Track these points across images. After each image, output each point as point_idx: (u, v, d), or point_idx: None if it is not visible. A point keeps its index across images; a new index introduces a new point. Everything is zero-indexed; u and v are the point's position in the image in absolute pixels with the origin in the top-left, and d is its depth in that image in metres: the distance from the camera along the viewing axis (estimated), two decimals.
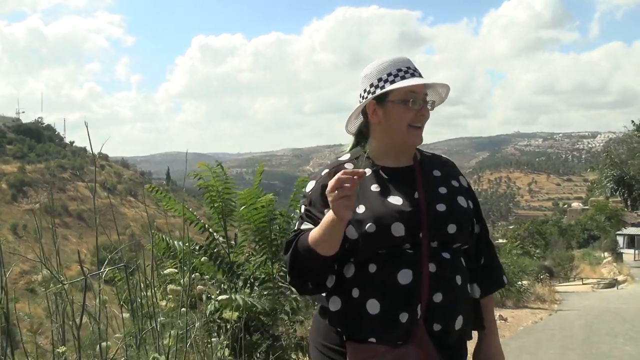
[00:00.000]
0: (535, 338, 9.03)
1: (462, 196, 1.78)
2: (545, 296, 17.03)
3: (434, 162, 1.85)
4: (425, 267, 1.63)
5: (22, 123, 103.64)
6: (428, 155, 1.88)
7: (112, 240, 2.40)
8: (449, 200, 1.73)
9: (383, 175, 1.76)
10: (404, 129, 1.73)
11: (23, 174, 78.88)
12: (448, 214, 1.69)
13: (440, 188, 1.76)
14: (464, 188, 1.83)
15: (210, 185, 4.11)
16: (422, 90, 1.74)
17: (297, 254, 1.64)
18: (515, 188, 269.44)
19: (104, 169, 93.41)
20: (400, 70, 1.74)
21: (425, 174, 1.78)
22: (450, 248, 1.70)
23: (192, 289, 2.70)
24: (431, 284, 1.62)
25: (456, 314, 1.67)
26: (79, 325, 1.87)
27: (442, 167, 1.85)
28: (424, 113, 1.74)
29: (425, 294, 1.61)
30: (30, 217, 2.44)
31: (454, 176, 1.83)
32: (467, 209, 1.76)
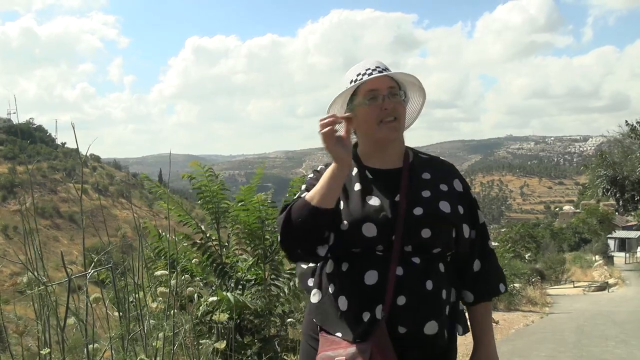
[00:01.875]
0: (527, 341, 9.05)
1: (447, 201, 1.74)
2: (536, 299, 17.10)
3: (427, 165, 1.83)
4: (392, 270, 1.64)
5: (12, 124, 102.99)
6: (424, 158, 1.86)
7: (103, 242, 2.38)
8: (430, 204, 1.71)
9: (368, 176, 1.78)
10: (374, 126, 1.74)
11: (14, 175, 78.37)
12: (423, 218, 1.67)
13: (424, 191, 1.74)
14: (454, 192, 1.78)
15: (204, 185, 4.09)
16: (383, 85, 1.73)
17: (290, 213, 1.66)
18: (508, 191, 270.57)
19: (95, 170, 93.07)
20: (359, 74, 1.75)
21: (412, 177, 1.77)
22: (426, 253, 1.68)
23: (182, 291, 2.68)
24: (395, 287, 1.63)
25: (425, 319, 1.64)
26: (62, 326, 1.85)
27: (435, 169, 1.81)
28: (386, 106, 1.72)
29: (389, 296, 1.63)
30: (20, 219, 2.43)
31: (446, 179, 1.80)
32: (449, 214, 1.72)
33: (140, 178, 5.73)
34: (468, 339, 1.95)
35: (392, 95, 1.74)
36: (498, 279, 1.86)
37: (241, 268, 4.14)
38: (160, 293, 2.67)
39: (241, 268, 4.14)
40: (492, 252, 1.87)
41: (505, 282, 1.90)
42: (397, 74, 1.77)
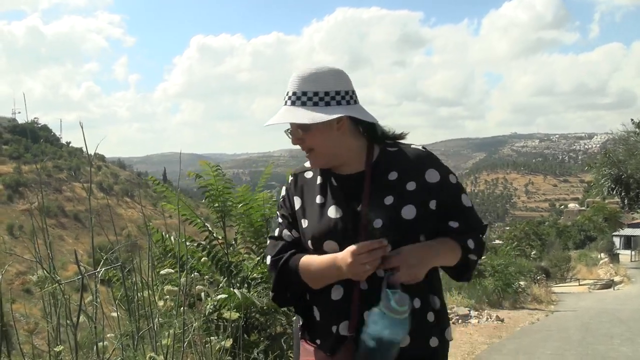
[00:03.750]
0: (532, 339, 9.03)
1: (414, 202, 1.62)
2: (541, 297, 17.06)
3: (394, 161, 1.69)
4: (357, 285, 1.60)
5: (17, 123, 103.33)
6: (392, 152, 1.72)
7: (109, 240, 2.39)
8: (391, 213, 1.60)
9: (332, 183, 1.71)
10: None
11: (19, 175, 78.66)
12: (383, 231, 1.58)
13: (387, 197, 1.63)
14: (425, 187, 1.65)
15: (210, 184, 4.10)
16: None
17: (284, 276, 1.69)
18: (512, 189, 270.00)
19: (100, 169, 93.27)
20: (287, 94, 1.66)
21: (376, 180, 1.67)
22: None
23: (191, 289, 2.69)
24: (361, 302, 1.59)
25: None
26: (75, 324, 1.86)
27: (404, 164, 1.68)
28: (294, 143, 1.69)
29: (354, 312, 1.59)
30: (26, 218, 2.42)
31: (416, 174, 1.66)
32: (413, 221, 1.60)
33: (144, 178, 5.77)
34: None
35: (301, 128, 1.66)
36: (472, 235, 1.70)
37: (247, 266, 4.15)
38: (167, 291, 2.69)
39: (247, 266, 4.15)
40: (480, 245, 1.71)
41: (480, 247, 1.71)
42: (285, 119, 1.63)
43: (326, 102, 1.61)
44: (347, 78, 1.68)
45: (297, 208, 1.74)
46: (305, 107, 1.61)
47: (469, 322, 11.38)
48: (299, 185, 1.78)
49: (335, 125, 1.64)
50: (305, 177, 1.79)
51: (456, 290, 15.29)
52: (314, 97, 1.61)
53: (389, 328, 1.48)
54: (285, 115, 1.62)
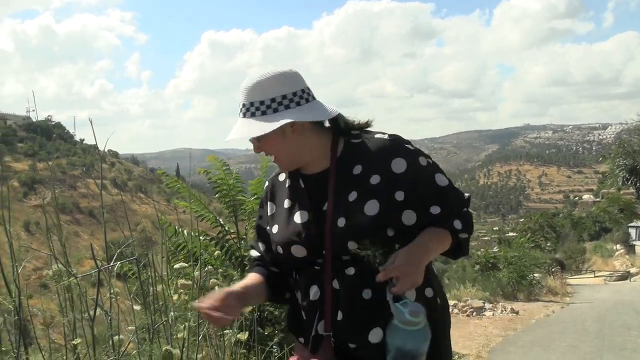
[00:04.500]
0: (548, 331, 8.99)
1: (377, 196, 1.56)
2: (557, 289, 16.94)
3: (358, 154, 1.63)
4: (328, 284, 1.58)
5: (32, 121, 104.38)
6: (356, 144, 1.66)
7: (124, 235, 2.40)
8: (353, 210, 1.56)
9: (300, 185, 1.69)
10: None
11: (34, 172, 79.47)
12: (346, 230, 1.55)
13: (351, 193, 1.59)
14: (391, 178, 1.58)
15: (220, 179, 4.10)
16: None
17: None
18: (526, 181, 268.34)
19: (114, 166, 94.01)
20: (239, 106, 1.62)
21: (341, 176, 1.62)
22: (363, 261, 1.55)
23: (205, 283, 2.70)
24: (333, 302, 1.58)
25: (368, 328, 1.56)
26: (93, 317, 1.88)
27: (368, 156, 1.62)
28: (255, 152, 1.69)
29: (328, 312, 1.58)
30: (41, 214, 2.46)
31: (380, 165, 1.60)
32: (376, 216, 1.54)
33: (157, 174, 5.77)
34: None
35: (257, 139, 1.63)
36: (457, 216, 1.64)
37: None
38: (181, 285, 2.70)
39: None
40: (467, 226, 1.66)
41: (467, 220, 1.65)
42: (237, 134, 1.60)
43: (274, 109, 1.57)
44: (295, 78, 1.62)
45: (270, 214, 1.75)
46: (255, 118, 1.58)
47: (484, 314, 11.35)
48: (273, 189, 1.79)
49: (289, 129, 1.60)
50: (278, 180, 1.79)
51: (470, 283, 15.26)
52: (261, 106, 1.58)
53: (410, 340, 1.45)
54: (238, 129, 1.61)
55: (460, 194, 1.67)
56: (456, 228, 1.62)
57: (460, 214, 1.64)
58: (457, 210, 1.64)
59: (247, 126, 1.59)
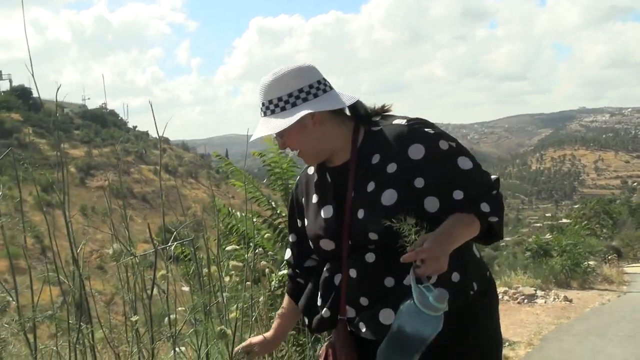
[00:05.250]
0: (603, 320, 8.73)
1: (394, 186, 1.55)
2: (613, 277, 16.40)
3: (377, 142, 1.63)
4: (345, 272, 1.63)
5: (87, 109, 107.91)
6: (375, 132, 1.65)
7: (177, 219, 2.47)
8: (371, 200, 1.57)
9: (327, 179, 1.73)
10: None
11: (90, 158, 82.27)
12: (365, 221, 1.57)
13: (369, 184, 1.59)
14: (408, 165, 1.56)
15: (274, 162, 4.14)
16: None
17: None
18: (581, 166, 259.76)
19: (165, 152, 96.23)
20: (260, 106, 1.66)
21: (360, 167, 1.63)
22: (386, 248, 1.56)
23: (256, 265, 2.75)
24: (353, 289, 1.62)
25: (379, 309, 1.58)
26: (150, 295, 1.94)
27: (386, 144, 1.60)
28: (281, 148, 1.75)
29: (343, 297, 1.63)
30: (97, 200, 2.57)
31: (396, 155, 1.58)
32: (393, 206, 1.53)
33: (213, 154, 5.90)
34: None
35: (280, 135, 1.67)
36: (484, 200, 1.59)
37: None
38: (233, 267, 2.75)
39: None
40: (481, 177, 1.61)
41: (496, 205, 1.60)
42: (260, 134, 1.64)
43: (292, 103, 1.60)
44: (310, 71, 1.64)
45: (301, 208, 1.81)
46: (275, 115, 1.61)
47: (535, 302, 11.11)
48: (303, 184, 1.83)
49: (310, 121, 1.62)
50: (308, 174, 1.83)
51: (521, 270, 14.96)
52: (280, 103, 1.61)
53: (423, 325, 1.42)
54: (260, 129, 1.64)
55: (486, 175, 1.63)
56: (484, 211, 1.57)
57: (488, 196, 1.59)
58: (483, 194, 1.59)
59: (268, 124, 1.62)
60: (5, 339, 2.03)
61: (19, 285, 2.07)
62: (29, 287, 2.11)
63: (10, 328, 1.97)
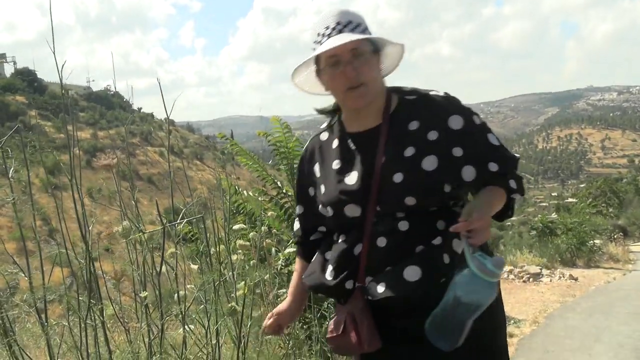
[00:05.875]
0: (609, 298, 8.76)
1: (436, 152, 1.55)
2: (618, 256, 16.41)
3: (414, 110, 1.61)
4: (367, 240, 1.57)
5: (92, 91, 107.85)
6: (411, 100, 1.64)
7: (185, 198, 2.48)
8: (411, 165, 1.54)
9: (348, 145, 1.66)
10: (340, 94, 1.62)
11: (96, 140, 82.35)
12: (404, 185, 1.52)
13: (407, 149, 1.56)
14: (450, 134, 1.57)
15: (279, 141, 4.14)
16: (343, 49, 1.54)
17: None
18: (587, 145, 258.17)
19: (170, 133, 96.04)
20: (319, 34, 1.57)
21: (394, 133, 1.60)
22: (419, 215, 1.54)
23: (261, 243, 2.77)
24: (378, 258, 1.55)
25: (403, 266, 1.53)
26: (159, 272, 1.97)
27: (425, 112, 1.60)
28: (348, 75, 1.55)
29: (363, 265, 1.58)
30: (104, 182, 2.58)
31: (438, 122, 1.58)
32: (435, 171, 1.53)
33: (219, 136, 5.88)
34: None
35: (355, 57, 1.55)
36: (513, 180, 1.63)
37: None
38: (239, 245, 2.78)
39: None
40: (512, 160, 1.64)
41: (522, 187, 1.65)
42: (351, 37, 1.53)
43: (368, 32, 1.57)
44: None
45: (316, 175, 1.73)
46: (355, 33, 1.54)
47: (541, 280, 11.15)
48: (315, 149, 1.76)
49: (378, 59, 1.59)
50: (320, 139, 1.77)
51: (527, 249, 14.98)
52: (358, 27, 1.56)
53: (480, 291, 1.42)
54: (343, 38, 1.51)
55: (511, 154, 1.65)
56: (512, 187, 1.61)
57: (514, 173, 1.63)
58: (510, 170, 1.62)
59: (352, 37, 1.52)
60: (19, 317, 2.06)
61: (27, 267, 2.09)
62: (38, 269, 2.13)
63: (24, 306, 2.00)
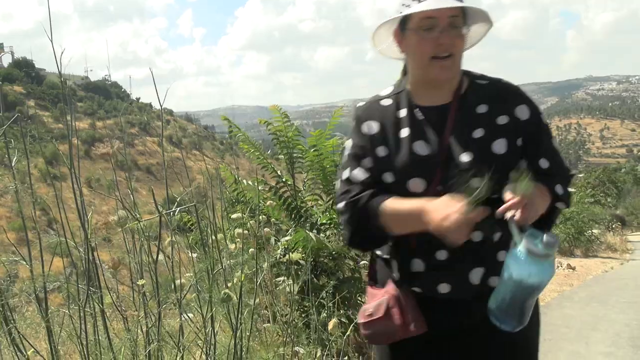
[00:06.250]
0: (606, 287, 8.80)
1: (505, 136, 1.51)
2: (616, 245, 16.48)
3: (484, 94, 1.57)
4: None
5: (90, 81, 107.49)
6: (482, 85, 1.61)
7: (184, 188, 2.49)
8: (481, 146, 1.50)
9: (417, 117, 1.58)
10: (424, 61, 1.52)
11: (94, 130, 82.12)
12: (472, 166, 1.47)
13: (476, 130, 1.52)
14: (517, 122, 1.55)
15: (279, 131, 4.14)
16: (443, 14, 1.47)
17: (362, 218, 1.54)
18: (586, 135, 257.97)
19: (169, 123, 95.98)
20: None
21: (463, 113, 1.55)
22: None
23: (260, 232, 2.78)
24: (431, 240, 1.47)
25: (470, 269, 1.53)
26: (155, 260, 1.97)
27: (495, 98, 1.57)
28: (442, 41, 1.48)
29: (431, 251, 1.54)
30: (103, 172, 2.58)
31: (507, 108, 1.56)
32: (504, 155, 1.51)
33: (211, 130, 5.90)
34: None
35: (452, 27, 1.49)
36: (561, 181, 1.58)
37: (315, 212, 4.23)
38: (237, 234, 2.79)
39: (315, 212, 4.23)
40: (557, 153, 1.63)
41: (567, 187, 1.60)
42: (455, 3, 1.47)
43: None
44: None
45: (375, 134, 1.59)
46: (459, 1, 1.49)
47: None
48: (373, 115, 1.62)
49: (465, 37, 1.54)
50: (381, 104, 1.64)
51: None
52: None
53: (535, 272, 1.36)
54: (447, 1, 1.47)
55: (567, 165, 1.64)
56: (557, 192, 1.55)
57: (565, 182, 1.59)
58: (562, 176, 1.59)
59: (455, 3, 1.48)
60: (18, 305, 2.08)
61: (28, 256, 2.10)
62: (38, 258, 2.14)
63: (24, 294, 2.01)
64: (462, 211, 1.36)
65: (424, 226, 1.44)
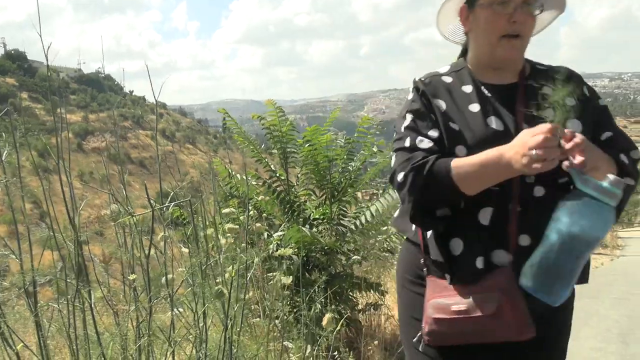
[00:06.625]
0: (596, 283, 8.84)
1: (577, 118, 1.45)
2: (606, 241, 16.56)
3: (547, 77, 1.51)
4: (514, 207, 1.42)
5: (83, 74, 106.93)
6: (542, 69, 1.58)
7: (177, 182, 2.48)
8: None
9: (484, 93, 1.52)
10: (493, 39, 1.48)
11: (87, 123, 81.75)
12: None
13: (547, 110, 1.44)
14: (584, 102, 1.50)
15: (273, 125, 4.13)
16: None
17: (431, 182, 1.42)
18: None
19: (162, 117, 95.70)
20: None
21: (530, 95, 1.49)
22: (551, 183, 1.43)
23: (250, 226, 2.77)
24: (517, 225, 1.41)
25: None
26: (147, 255, 1.97)
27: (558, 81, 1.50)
28: (516, 19, 1.43)
29: (513, 237, 1.43)
30: (95, 166, 2.56)
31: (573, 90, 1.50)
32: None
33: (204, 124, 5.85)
34: None
35: (527, 4, 1.45)
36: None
37: (308, 207, 4.23)
38: (229, 229, 2.78)
39: (308, 207, 4.23)
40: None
41: None
42: None
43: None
44: None
45: (444, 110, 1.50)
46: None
47: None
48: (437, 88, 1.55)
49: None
50: (444, 80, 1.57)
51: None
52: None
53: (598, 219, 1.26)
54: None
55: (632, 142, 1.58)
56: (623, 161, 1.46)
57: (629, 153, 1.50)
58: (625, 147, 1.51)
59: None
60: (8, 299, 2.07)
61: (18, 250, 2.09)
62: (28, 252, 2.13)
63: (13, 288, 2.00)
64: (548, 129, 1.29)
65: (505, 170, 1.36)
